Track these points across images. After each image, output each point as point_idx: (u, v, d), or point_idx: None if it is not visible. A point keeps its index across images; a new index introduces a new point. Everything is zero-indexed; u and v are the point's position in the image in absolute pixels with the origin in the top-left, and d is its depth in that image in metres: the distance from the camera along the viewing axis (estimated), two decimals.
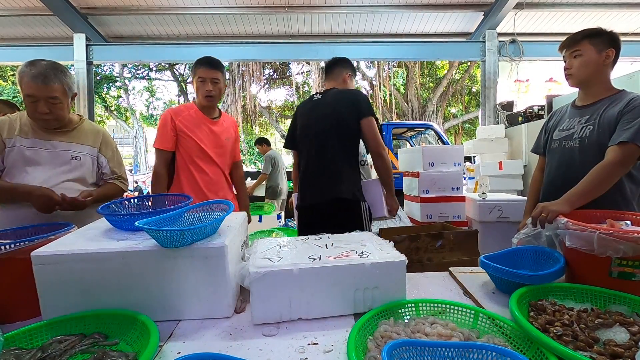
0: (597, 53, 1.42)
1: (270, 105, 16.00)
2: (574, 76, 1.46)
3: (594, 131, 1.40)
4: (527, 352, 0.70)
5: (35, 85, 1.33)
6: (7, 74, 12.43)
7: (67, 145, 1.50)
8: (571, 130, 1.50)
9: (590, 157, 1.39)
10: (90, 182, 1.57)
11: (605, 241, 0.88)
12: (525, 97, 6.55)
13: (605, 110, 1.40)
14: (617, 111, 1.35)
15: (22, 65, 1.37)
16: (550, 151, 1.61)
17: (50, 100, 1.38)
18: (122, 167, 1.68)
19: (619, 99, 1.39)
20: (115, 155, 1.66)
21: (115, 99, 15.04)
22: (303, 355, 0.74)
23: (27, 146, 1.43)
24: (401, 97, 13.93)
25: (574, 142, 1.47)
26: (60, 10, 5.66)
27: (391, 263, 0.90)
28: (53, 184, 1.43)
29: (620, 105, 1.35)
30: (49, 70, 1.37)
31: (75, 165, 1.51)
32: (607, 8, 6.12)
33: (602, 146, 1.36)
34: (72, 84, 1.47)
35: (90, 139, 1.58)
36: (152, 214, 1.03)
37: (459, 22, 6.67)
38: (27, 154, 1.43)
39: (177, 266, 0.87)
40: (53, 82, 1.37)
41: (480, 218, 2.91)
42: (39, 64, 1.37)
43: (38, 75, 1.34)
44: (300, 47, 6.61)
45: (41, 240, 0.95)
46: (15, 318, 0.93)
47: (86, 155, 1.54)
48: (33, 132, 1.45)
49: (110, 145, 1.64)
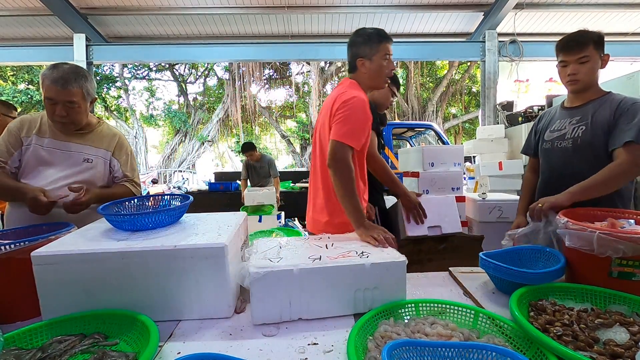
0: (600, 59, 1.44)
1: (270, 105, 16.00)
2: (582, 82, 1.45)
3: (587, 131, 1.44)
4: (527, 352, 0.70)
5: (54, 88, 1.35)
6: (7, 74, 12.42)
7: (81, 147, 1.51)
8: (563, 131, 1.54)
9: (584, 156, 1.44)
10: (99, 185, 1.56)
11: (605, 241, 0.88)
12: (525, 97, 6.55)
13: (597, 111, 1.43)
14: (610, 113, 1.39)
15: (45, 68, 1.39)
16: (543, 151, 1.64)
17: (68, 104, 1.39)
18: (136, 172, 1.67)
19: (607, 101, 1.43)
20: (129, 160, 1.64)
21: (115, 99, 15.02)
22: (303, 355, 0.74)
23: (43, 146, 1.44)
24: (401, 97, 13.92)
25: (566, 142, 1.51)
26: (60, 10, 5.66)
27: (391, 263, 0.90)
28: (61, 184, 1.44)
29: (612, 107, 1.40)
30: (70, 74, 1.38)
31: (86, 168, 1.51)
32: (607, 8, 6.12)
33: (595, 145, 1.41)
34: (92, 89, 1.48)
35: (106, 142, 1.57)
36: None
37: (459, 22, 6.68)
38: (42, 153, 1.44)
39: (177, 266, 0.87)
40: (72, 87, 1.38)
41: (480, 218, 2.91)
42: (61, 67, 1.38)
43: (58, 79, 1.35)
44: (300, 47, 6.61)
45: (41, 240, 0.95)
46: (15, 318, 0.93)
47: (99, 158, 1.54)
48: (51, 133, 1.46)
49: (124, 149, 1.63)
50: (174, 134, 15.41)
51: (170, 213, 1.08)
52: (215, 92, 15.90)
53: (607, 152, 1.38)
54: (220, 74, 15.52)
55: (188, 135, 15.02)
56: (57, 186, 1.42)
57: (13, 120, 1.54)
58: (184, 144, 15.09)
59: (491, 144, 4.80)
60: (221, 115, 14.22)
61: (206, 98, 15.77)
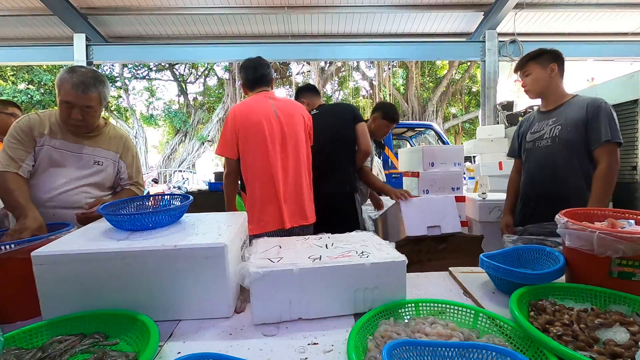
0: (543, 69, 1.73)
1: None
2: (530, 91, 1.79)
3: (562, 130, 1.68)
4: (527, 352, 0.70)
5: (75, 93, 1.34)
6: (7, 74, 12.42)
7: (92, 149, 1.50)
8: (541, 132, 1.77)
9: (562, 152, 1.68)
10: (107, 186, 1.57)
11: (605, 241, 0.87)
12: (525, 97, 6.51)
13: (568, 113, 1.68)
14: (581, 112, 1.63)
15: (62, 71, 1.37)
16: (526, 151, 1.87)
17: (85, 109, 1.39)
18: (140, 173, 1.68)
19: (576, 103, 1.69)
20: (135, 161, 1.65)
21: (115, 99, 15.00)
22: (303, 355, 0.74)
23: (55, 147, 1.43)
24: (401, 97, 13.93)
25: (545, 141, 1.74)
26: (60, 10, 5.66)
27: (391, 263, 0.90)
28: (72, 187, 1.44)
29: (581, 107, 1.64)
30: (90, 79, 1.38)
31: (97, 170, 1.51)
32: (607, 8, 6.12)
33: (571, 142, 1.65)
34: (108, 94, 1.48)
35: (114, 144, 1.57)
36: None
37: (459, 22, 6.67)
38: (54, 155, 1.43)
39: (177, 266, 0.87)
40: (92, 92, 1.38)
41: (480, 218, 2.91)
42: (80, 71, 1.37)
43: (79, 84, 1.35)
44: (300, 47, 6.60)
45: (41, 240, 0.95)
46: (15, 318, 0.93)
47: (109, 160, 1.54)
48: (61, 134, 1.45)
49: (130, 151, 1.64)
50: (174, 134, 15.41)
51: (170, 213, 1.07)
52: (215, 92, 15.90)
53: (581, 146, 1.63)
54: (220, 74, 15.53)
55: (188, 135, 15.01)
56: (68, 188, 1.42)
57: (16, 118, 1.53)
58: (184, 144, 15.08)
59: (491, 144, 4.79)
60: (221, 115, 14.22)
61: (206, 98, 15.77)
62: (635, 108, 2.68)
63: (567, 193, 1.65)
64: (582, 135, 1.63)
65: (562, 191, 1.66)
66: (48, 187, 1.41)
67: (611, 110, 1.60)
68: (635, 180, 2.70)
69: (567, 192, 1.65)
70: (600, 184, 1.56)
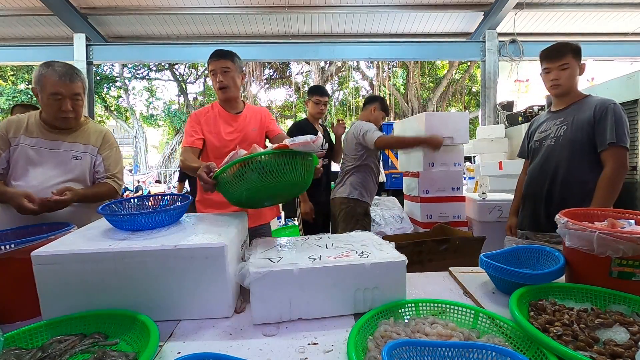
0: (578, 66, 1.64)
1: (270, 105, 16.00)
2: (563, 86, 1.66)
3: (568, 130, 1.65)
4: (527, 352, 0.70)
5: (62, 83, 1.40)
6: (7, 74, 12.42)
7: (69, 145, 1.51)
8: (548, 132, 1.75)
9: (564, 150, 1.66)
10: (88, 181, 1.56)
11: (605, 241, 0.87)
12: (525, 97, 6.54)
13: (577, 113, 1.65)
14: (589, 115, 1.60)
15: (40, 68, 1.42)
16: (532, 151, 1.85)
17: (74, 97, 1.44)
18: (119, 166, 1.65)
19: (586, 103, 1.65)
20: (113, 154, 1.63)
21: (115, 99, 15.02)
22: (303, 355, 0.74)
23: (31, 145, 1.45)
24: (401, 97, 13.93)
25: (550, 140, 1.73)
26: (60, 10, 5.65)
27: (391, 263, 0.90)
28: (51, 184, 1.44)
29: (590, 108, 1.60)
30: (70, 69, 1.45)
31: (75, 165, 1.51)
32: (607, 8, 6.12)
33: (574, 141, 1.63)
34: (86, 83, 1.53)
35: (93, 138, 1.59)
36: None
37: (459, 22, 6.67)
38: (29, 153, 1.44)
39: (177, 266, 0.87)
40: (77, 80, 1.45)
41: (480, 218, 2.92)
42: (57, 63, 1.43)
43: (65, 74, 1.40)
44: (300, 47, 6.60)
45: (41, 240, 0.95)
46: (15, 318, 0.93)
47: (87, 155, 1.55)
48: (38, 132, 1.47)
49: (109, 144, 1.63)
50: (174, 133, 15.41)
51: (170, 213, 1.07)
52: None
53: (586, 147, 1.60)
54: None
55: None
56: (47, 185, 1.42)
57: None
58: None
59: (491, 144, 4.79)
60: None
61: (206, 98, 15.76)
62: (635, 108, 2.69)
63: (566, 194, 1.64)
64: (588, 135, 1.59)
65: (562, 191, 1.65)
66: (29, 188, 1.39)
67: (621, 113, 1.56)
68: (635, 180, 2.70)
69: (566, 193, 1.63)
70: (603, 189, 1.52)
